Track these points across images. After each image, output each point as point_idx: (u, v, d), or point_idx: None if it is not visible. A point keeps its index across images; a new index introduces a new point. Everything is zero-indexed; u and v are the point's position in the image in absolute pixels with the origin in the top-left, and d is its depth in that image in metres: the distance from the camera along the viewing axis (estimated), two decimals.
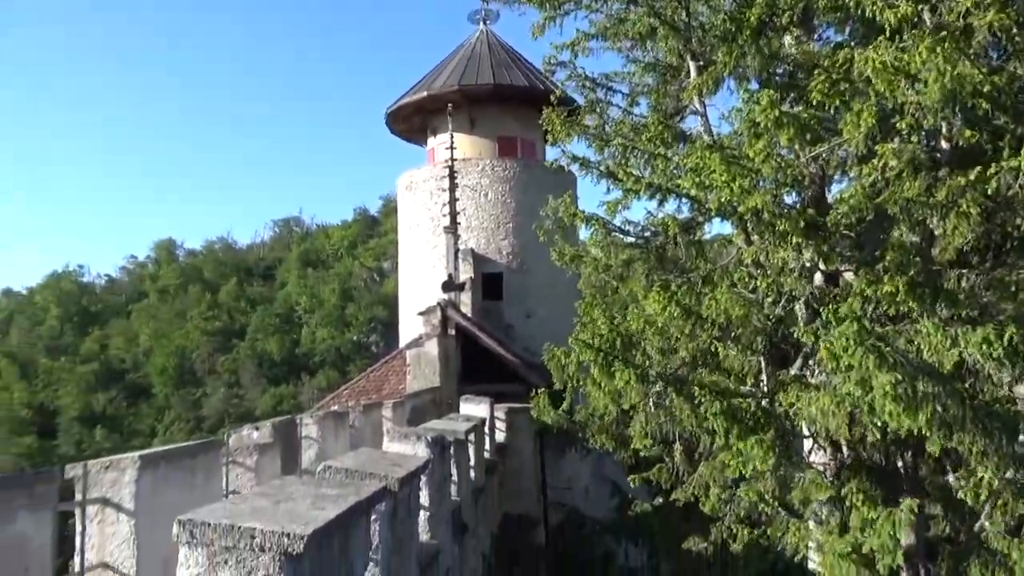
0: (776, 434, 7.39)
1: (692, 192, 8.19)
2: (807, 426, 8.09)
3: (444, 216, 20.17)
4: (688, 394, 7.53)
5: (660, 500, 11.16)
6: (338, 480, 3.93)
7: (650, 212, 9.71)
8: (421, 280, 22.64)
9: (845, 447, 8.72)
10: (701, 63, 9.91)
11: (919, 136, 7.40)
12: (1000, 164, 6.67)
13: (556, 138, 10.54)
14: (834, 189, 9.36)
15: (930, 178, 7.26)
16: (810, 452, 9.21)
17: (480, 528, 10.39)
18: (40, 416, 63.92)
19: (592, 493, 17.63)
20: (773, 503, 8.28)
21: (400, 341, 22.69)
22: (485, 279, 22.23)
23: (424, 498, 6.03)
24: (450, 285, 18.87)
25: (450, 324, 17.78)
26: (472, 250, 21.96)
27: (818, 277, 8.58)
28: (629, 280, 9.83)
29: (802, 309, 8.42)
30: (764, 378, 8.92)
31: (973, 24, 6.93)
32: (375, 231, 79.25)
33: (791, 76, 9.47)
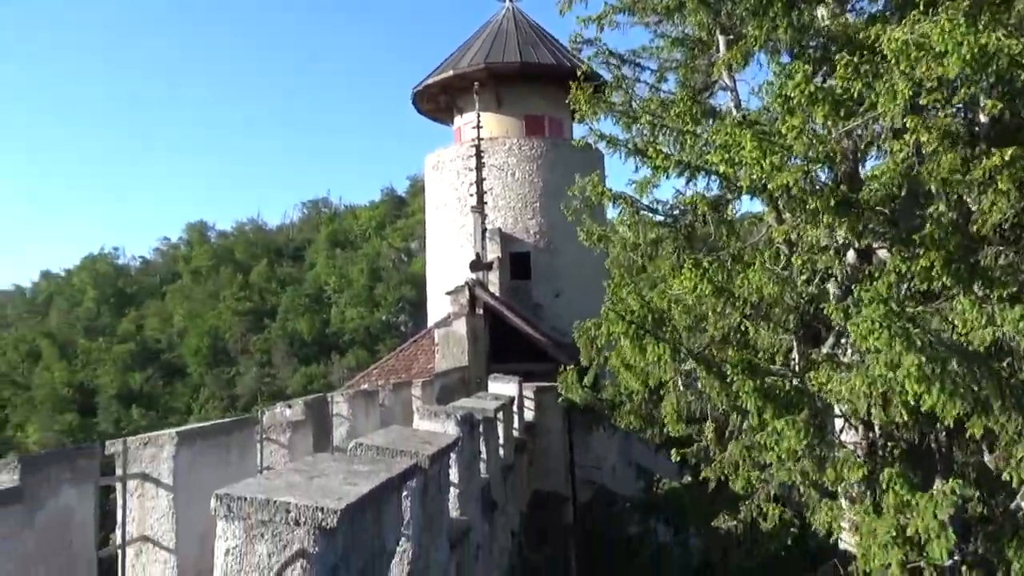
0: (809, 413, 7.30)
1: (721, 169, 8.06)
2: (838, 406, 7.99)
3: (471, 195, 20.14)
4: (719, 372, 7.46)
5: (689, 478, 11.14)
6: (369, 457, 3.98)
7: (679, 191, 9.61)
8: (449, 260, 22.70)
9: (878, 427, 8.61)
10: (731, 37, 9.72)
11: (949, 111, 7.19)
12: None
13: (583, 115, 10.44)
14: (868, 165, 9.18)
15: (967, 153, 7.07)
16: (842, 431, 9.11)
17: (509, 506, 10.48)
18: (80, 395, 65.67)
19: (620, 472, 17.69)
20: (806, 483, 8.19)
21: (428, 321, 22.82)
22: (513, 258, 22.23)
23: (454, 475, 6.08)
24: (478, 264, 18.89)
25: (478, 303, 17.83)
26: (499, 229, 21.94)
27: (851, 255, 8.44)
28: (657, 259, 9.76)
29: (835, 287, 8.30)
30: (795, 357, 8.83)
31: None
32: (402, 211, 79.65)
33: (825, 49, 9.24)
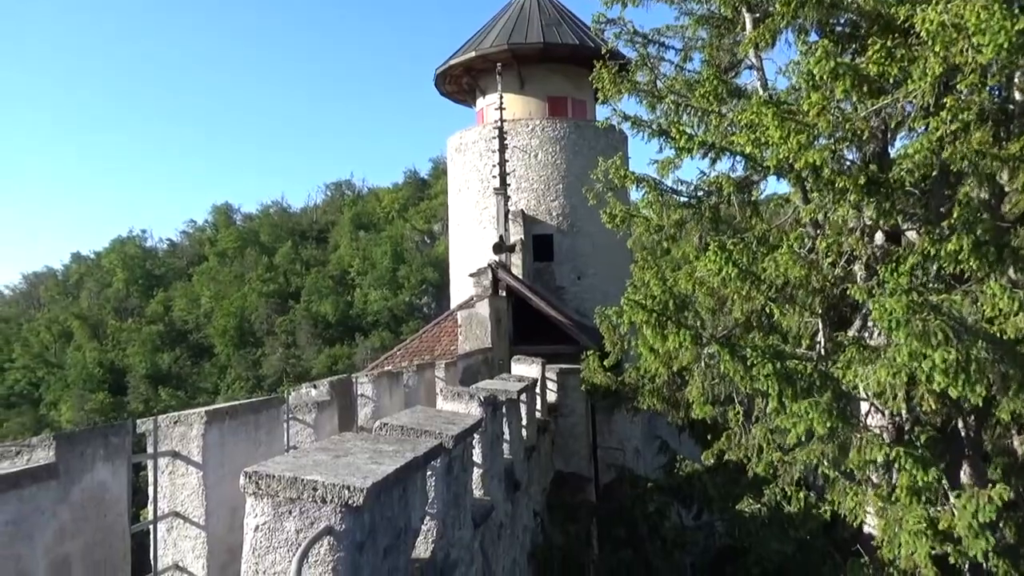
0: (832, 397, 7.24)
1: (747, 149, 7.98)
2: (863, 391, 7.91)
3: (494, 177, 20.10)
4: (740, 356, 7.43)
5: (712, 461, 11.14)
6: (394, 437, 4.03)
7: (703, 172, 9.53)
8: (471, 242, 22.73)
9: (904, 411, 8.52)
10: (757, 15, 9.58)
11: (982, 92, 7.02)
12: None
13: (606, 95, 10.35)
14: (897, 145, 9.01)
15: (998, 132, 6.92)
16: (867, 415, 9.03)
17: (533, 486, 10.55)
18: (111, 375, 66.96)
19: (643, 453, 17.71)
20: (831, 467, 8.14)
21: (451, 302, 22.91)
22: (535, 240, 22.20)
23: (477, 456, 6.14)
24: (501, 247, 18.88)
25: (501, 285, 17.85)
26: (522, 211, 21.90)
27: (879, 237, 8.32)
28: (681, 241, 9.70)
29: (862, 269, 8.20)
30: (821, 339, 8.75)
31: None
32: (425, 193, 79.66)
33: (854, 26, 9.06)
